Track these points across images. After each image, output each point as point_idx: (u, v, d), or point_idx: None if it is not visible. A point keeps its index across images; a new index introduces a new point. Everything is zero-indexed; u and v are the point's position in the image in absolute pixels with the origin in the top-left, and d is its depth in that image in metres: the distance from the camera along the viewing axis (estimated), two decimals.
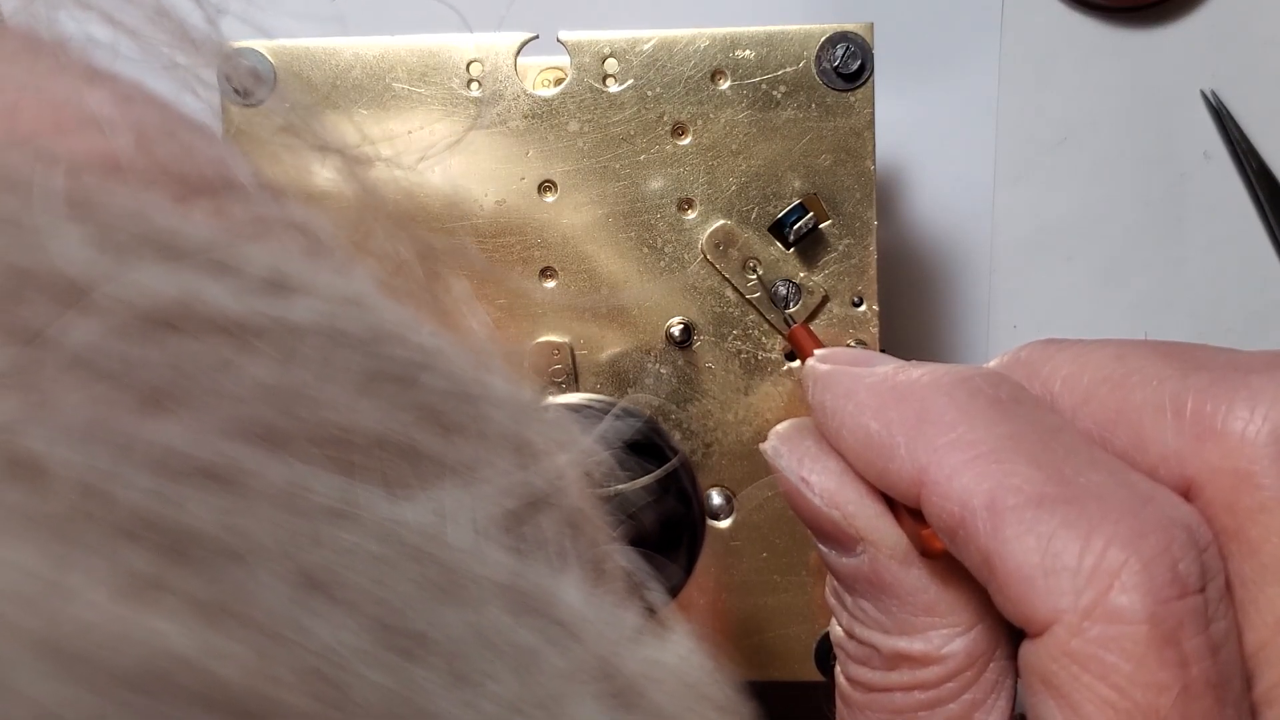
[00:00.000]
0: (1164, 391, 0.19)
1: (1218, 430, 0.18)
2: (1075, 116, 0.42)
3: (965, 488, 0.18)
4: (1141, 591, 0.17)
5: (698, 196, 0.33)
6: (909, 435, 0.19)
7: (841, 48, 0.32)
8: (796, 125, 0.33)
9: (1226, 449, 0.18)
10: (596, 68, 0.33)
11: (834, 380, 0.21)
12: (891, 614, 0.20)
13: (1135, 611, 0.17)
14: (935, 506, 0.19)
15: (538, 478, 0.13)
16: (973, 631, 0.19)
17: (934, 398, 0.19)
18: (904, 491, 0.19)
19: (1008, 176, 0.42)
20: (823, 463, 0.21)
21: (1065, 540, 0.17)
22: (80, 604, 0.09)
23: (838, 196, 0.33)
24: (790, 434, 0.22)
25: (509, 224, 0.33)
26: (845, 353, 0.22)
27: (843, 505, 0.21)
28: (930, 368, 0.20)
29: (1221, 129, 0.42)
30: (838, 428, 0.21)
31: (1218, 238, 0.42)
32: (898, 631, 0.20)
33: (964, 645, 0.19)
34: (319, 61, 0.33)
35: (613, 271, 0.33)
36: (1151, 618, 0.17)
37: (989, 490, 0.18)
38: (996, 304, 0.42)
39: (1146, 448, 0.19)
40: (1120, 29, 0.42)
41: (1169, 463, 0.19)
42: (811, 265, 0.33)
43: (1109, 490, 0.18)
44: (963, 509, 0.18)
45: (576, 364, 0.33)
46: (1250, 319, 0.42)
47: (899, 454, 0.19)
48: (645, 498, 0.24)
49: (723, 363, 0.33)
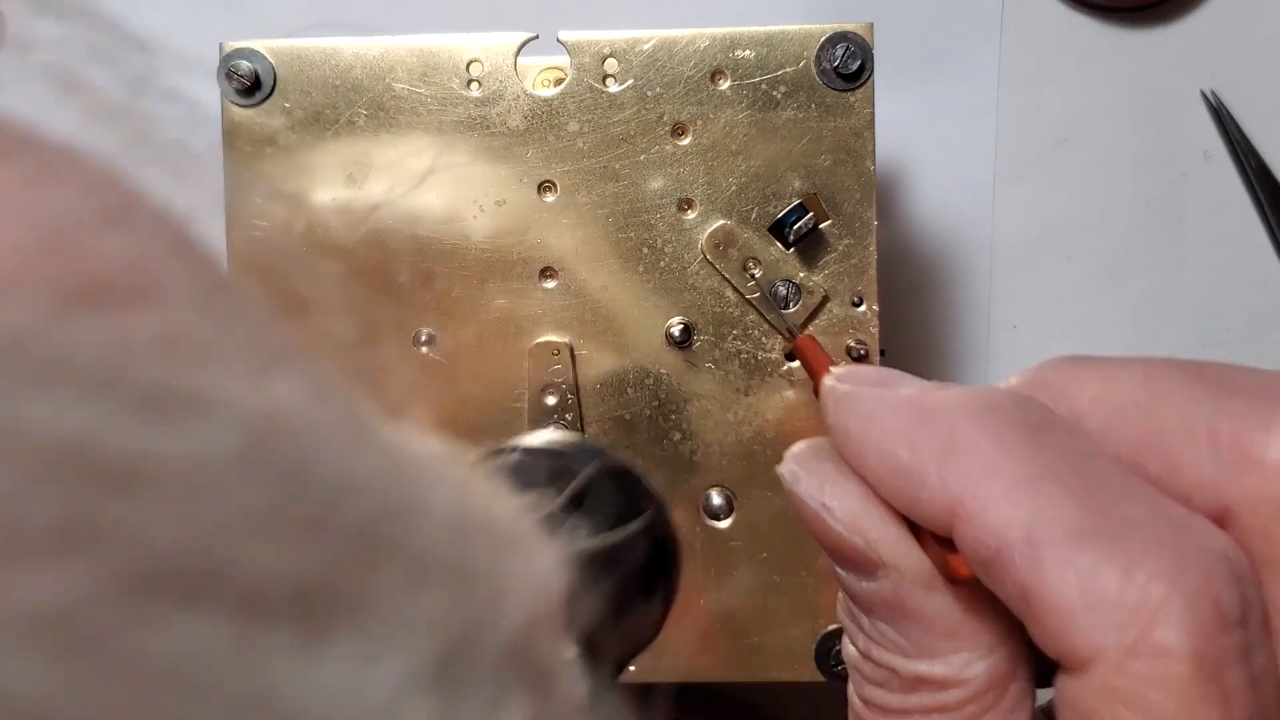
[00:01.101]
0: (1198, 417, 0.19)
1: (1256, 458, 0.18)
2: (1075, 116, 0.42)
3: (1002, 520, 0.18)
4: (1185, 628, 0.17)
5: (698, 196, 0.33)
6: (940, 463, 0.19)
7: (841, 48, 0.32)
8: (796, 125, 0.33)
9: (1266, 477, 0.18)
10: (596, 68, 0.33)
11: (857, 402, 0.20)
12: (912, 637, 0.20)
13: (1179, 648, 0.17)
14: (970, 538, 0.18)
15: (474, 607, 0.12)
16: (995, 654, 0.19)
17: (965, 424, 0.19)
18: (935, 520, 0.19)
19: (1008, 176, 0.42)
20: (844, 487, 0.20)
21: (1106, 575, 0.17)
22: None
23: (838, 196, 0.33)
24: (808, 458, 0.22)
25: (509, 224, 0.33)
26: (865, 372, 0.22)
27: (866, 531, 0.20)
28: (957, 390, 0.20)
29: (1221, 129, 0.42)
30: (862, 452, 0.20)
31: (1218, 238, 0.42)
32: (918, 655, 0.20)
33: (986, 668, 0.19)
34: (319, 62, 0.33)
35: (613, 271, 0.33)
36: (1195, 654, 0.17)
37: (1026, 522, 0.18)
38: (996, 304, 0.42)
39: (1180, 474, 0.19)
40: (1120, 29, 0.42)
41: (1204, 490, 0.19)
42: (811, 265, 0.33)
43: (1147, 521, 0.18)
44: (1000, 541, 0.18)
45: (576, 364, 0.33)
46: (1250, 319, 0.42)
47: (930, 482, 0.19)
48: (621, 550, 0.23)
49: (722, 363, 0.33)
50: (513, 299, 0.33)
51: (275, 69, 0.33)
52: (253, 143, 0.33)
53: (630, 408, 0.33)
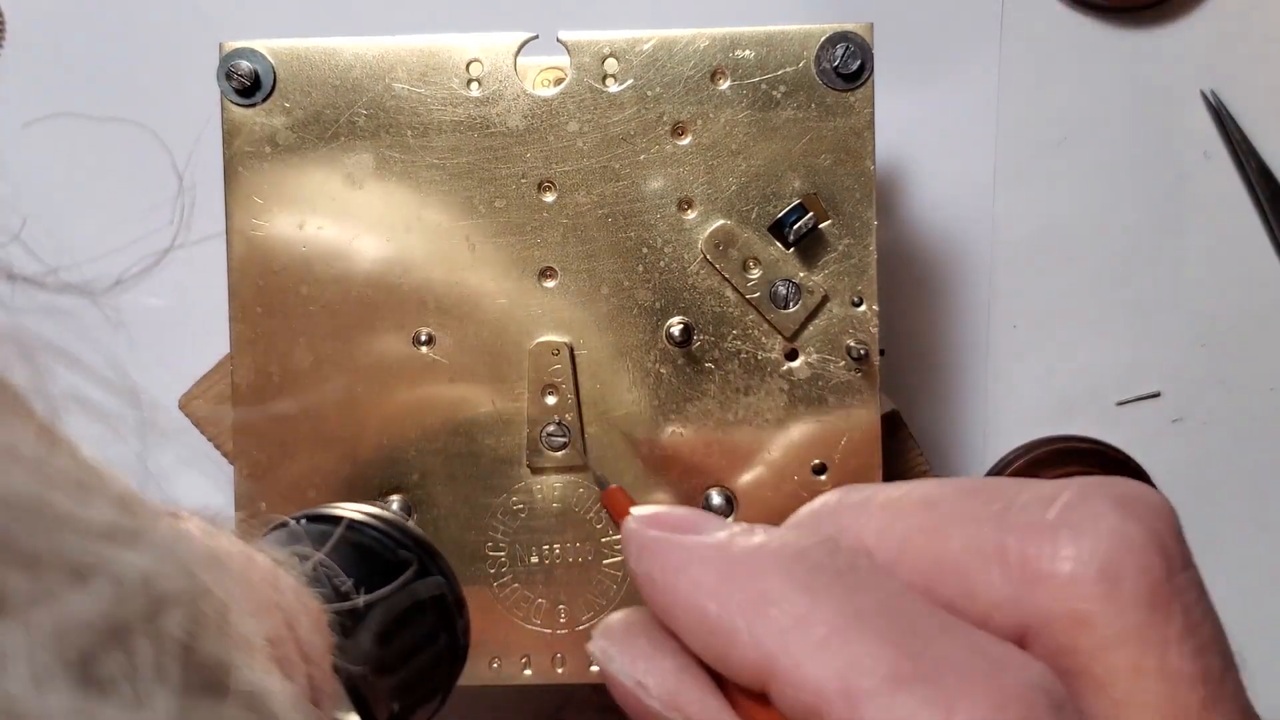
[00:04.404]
0: (983, 536, 0.19)
1: (1045, 573, 0.18)
2: (1075, 116, 0.42)
3: (817, 675, 0.17)
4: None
5: (698, 196, 0.33)
6: (750, 619, 0.18)
7: (841, 48, 0.32)
8: (796, 125, 0.33)
9: (1058, 591, 0.18)
10: (596, 68, 0.33)
11: (662, 551, 0.20)
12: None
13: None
14: (787, 696, 0.18)
15: (124, 611, 0.12)
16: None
17: (774, 575, 0.18)
18: (750, 678, 0.18)
19: (1008, 176, 0.42)
20: (658, 662, 0.20)
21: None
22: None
23: (838, 196, 0.33)
24: (619, 633, 0.21)
25: (509, 224, 0.33)
26: (668, 514, 0.21)
27: (684, 706, 0.19)
28: (765, 536, 0.19)
29: (1221, 129, 0.42)
30: (670, 605, 0.19)
31: (1218, 238, 0.42)
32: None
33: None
34: (319, 62, 0.33)
35: (613, 271, 0.33)
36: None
37: (842, 674, 0.17)
38: (996, 304, 0.42)
39: (976, 596, 0.19)
40: (1120, 29, 0.42)
41: (1002, 610, 0.18)
42: (811, 265, 0.33)
43: (962, 659, 0.17)
44: (817, 697, 0.17)
45: (576, 364, 0.33)
46: (1250, 319, 0.42)
47: (741, 640, 0.18)
48: (388, 608, 0.23)
49: (722, 363, 0.33)
50: (513, 299, 0.33)
51: (275, 69, 0.33)
52: (253, 143, 0.33)
53: (630, 408, 0.33)
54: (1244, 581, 0.42)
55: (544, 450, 0.33)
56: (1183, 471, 0.42)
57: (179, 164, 0.33)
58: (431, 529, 0.33)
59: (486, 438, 0.33)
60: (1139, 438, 0.42)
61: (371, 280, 0.33)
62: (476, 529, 0.34)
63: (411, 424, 0.33)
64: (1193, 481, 0.42)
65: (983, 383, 0.42)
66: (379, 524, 0.25)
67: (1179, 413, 0.42)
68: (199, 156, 0.30)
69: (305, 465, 0.33)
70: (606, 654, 0.21)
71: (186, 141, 0.29)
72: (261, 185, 0.33)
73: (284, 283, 0.33)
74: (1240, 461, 0.42)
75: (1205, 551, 0.20)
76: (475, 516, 0.34)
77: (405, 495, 0.33)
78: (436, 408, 0.33)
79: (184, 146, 0.28)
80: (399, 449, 0.33)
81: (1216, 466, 0.42)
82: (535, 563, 0.34)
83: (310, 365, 0.33)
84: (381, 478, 0.33)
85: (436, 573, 0.26)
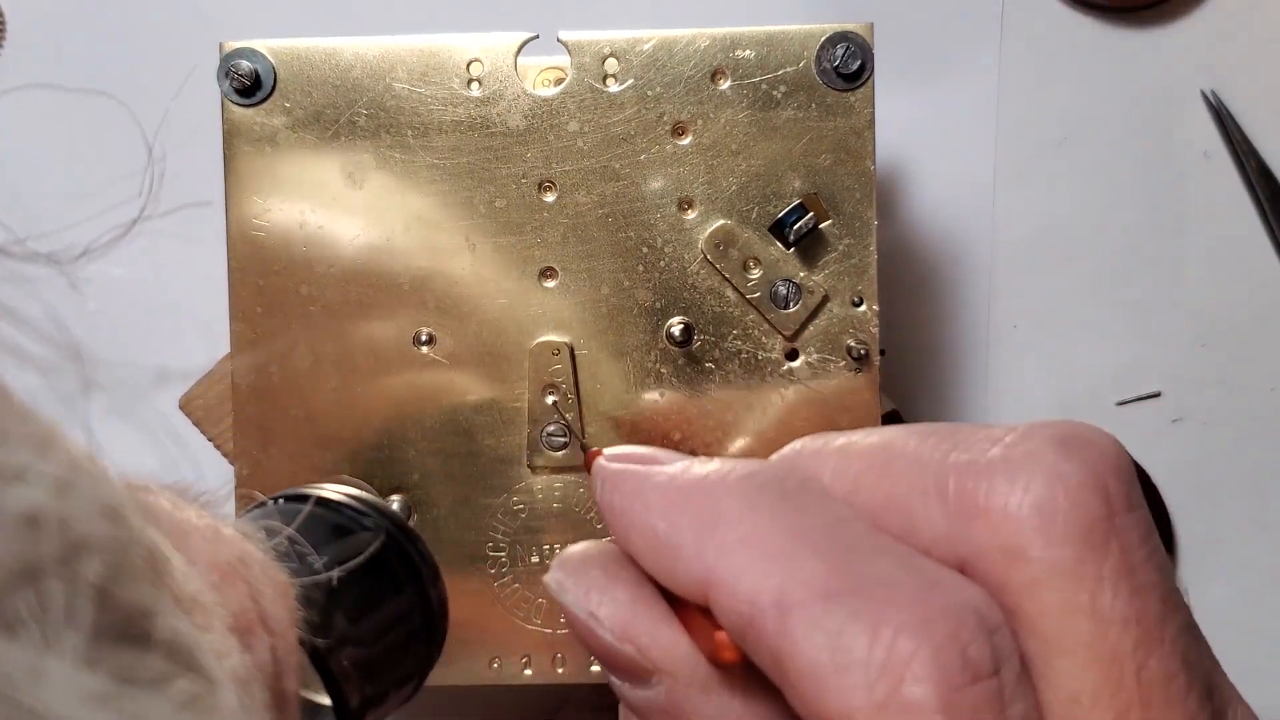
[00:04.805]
0: (927, 474, 0.19)
1: (981, 507, 0.18)
2: (1075, 116, 0.42)
3: (753, 585, 0.18)
4: (933, 681, 0.16)
5: (698, 196, 0.33)
6: (696, 535, 0.19)
7: (841, 48, 0.32)
8: (796, 125, 0.33)
9: (992, 526, 0.18)
10: (596, 68, 0.33)
11: (622, 480, 0.20)
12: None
13: (928, 702, 0.16)
14: (724, 606, 0.18)
15: (35, 544, 0.12)
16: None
17: (721, 495, 0.19)
18: (692, 592, 0.19)
19: (1008, 176, 0.42)
20: (611, 593, 0.20)
21: (854, 633, 0.17)
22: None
23: (838, 196, 0.33)
24: (575, 564, 0.21)
25: (509, 224, 0.33)
26: (634, 451, 0.22)
27: (636, 638, 0.20)
28: (718, 464, 0.20)
29: (1221, 129, 0.42)
30: (626, 529, 0.20)
31: (1218, 238, 0.42)
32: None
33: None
34: (319, 61, 0.33)
35: (613, 271, 0.33)
36: (945, 707, 0.16)
37: (776, 586, 0.18)
38: (996, 304, 0.42)
39: (918, 530, 0.19)
40: (1120, 29, 0.42)
41: (940, 544, 0.19)
42: (811, 265, 0.33)
43: (896, 578, 0.18)
44: (751, 607, 0.18)
45: (576, 364, 0.33)
46: (1250, 319, 0.42)
47: (686, 554, 0.19)
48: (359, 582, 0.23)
49: (722, 363, 0.33)
50: (513, 299, 0.33)
51: (275, 69, 0.33)
52: (253, 143, 0.33)
53: (630, 407, 0.33)
54: (1244, 581, 0.42)
55: (544, 450, 0.33)
56: (1183, 471, 0.42)
57: (148, 136, 0.33)
58: (431, 529, 0.34)
59: (486, 437, 0.33)
60: (1139, 438, 0.42)
61: (371, 280, 0.33)
62: (477, 529, 0.34)
63: (411, 424, 0.33)
64: (1193, 481, 0.42)
65: (983, 383, 0.42)
66: (353, 502, 0.25)
67: (1179, 413, 0.42)
68: (167, 131, 0.30)
69: (305, 465, 0.33)
70: (561, 585, 0.21)
71: (155, 116, 0.29)
72: (262, 185, 0.33)
73: (284, 283, 0.33)
74: (1240, 461, 0.42)
75: (1205, 551, 0.20)
76: (475, 516, 0.34)
77: (405, 495, 0.34)
78: (436, 408, 0.34)
79: (153, 120, 0.28)
80: (399, 449, 0.33)
81: (1216, 466, 0.42)
82: (535, 563, 0.34)
83: (310, 365, 0.33)
84: (382, 478, 0.34)
85: (414, 553, 0.26)
